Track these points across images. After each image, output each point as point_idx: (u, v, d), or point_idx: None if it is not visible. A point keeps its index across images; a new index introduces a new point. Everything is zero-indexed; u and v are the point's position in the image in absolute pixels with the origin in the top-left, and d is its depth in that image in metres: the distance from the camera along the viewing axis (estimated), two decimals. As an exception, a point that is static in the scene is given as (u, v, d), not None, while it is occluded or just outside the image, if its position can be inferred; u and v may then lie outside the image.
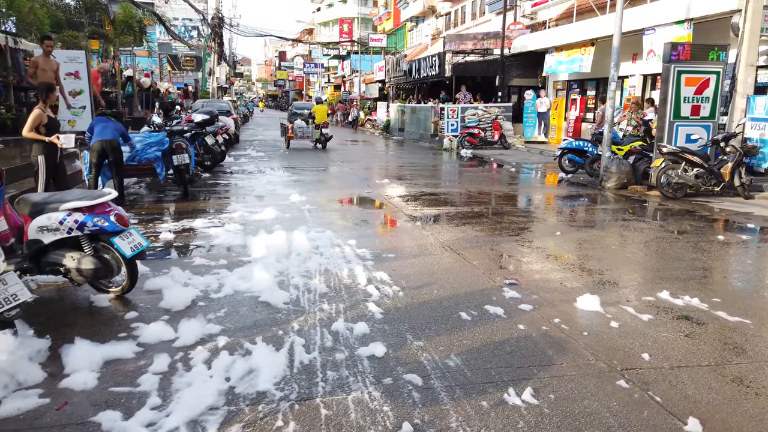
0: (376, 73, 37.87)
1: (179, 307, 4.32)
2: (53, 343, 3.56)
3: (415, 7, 38.86)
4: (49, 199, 4.31)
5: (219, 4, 31.28)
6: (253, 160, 15.16)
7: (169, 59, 46.87)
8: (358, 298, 4.62)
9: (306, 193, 9.71)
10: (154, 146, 8.80)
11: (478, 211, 8.62)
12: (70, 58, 12.04)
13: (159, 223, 7.28)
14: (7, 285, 3.26)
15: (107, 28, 17.55)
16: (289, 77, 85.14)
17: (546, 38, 19.83)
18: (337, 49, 51.77)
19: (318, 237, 6.52)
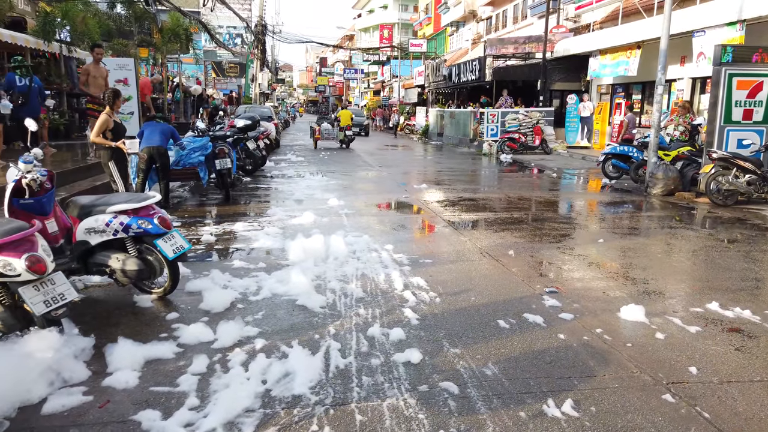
0: (416, 78, 37.85)
1: (218, 309, 4.39)
2: (97, 341, 3.66)
3: (456, 12, 38.69)
4: (96, 201, 4.45)
5: (263, 12, 31.88)
6: (292, 165, 15.34)
7: (214, 66, 48.06)
8: (395, 303, 4.60)
9: (344, 198, 9.76)
10: (197, 151, 9.01)
11: (518, 217, 8.48)
12: (119, 66, 12.46)
13: (201, 226, 7.43)
14: (55, 285, 3.37)
15: (155, 37, 18.11)
16: (329, 83, 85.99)
17: (590, 41, 19.42)
18: (377, 55, 52.02)
19: (355, 241, 6.53)
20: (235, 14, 27.25)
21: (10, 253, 3.21)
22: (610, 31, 18.50)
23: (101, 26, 16.38)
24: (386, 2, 59.65)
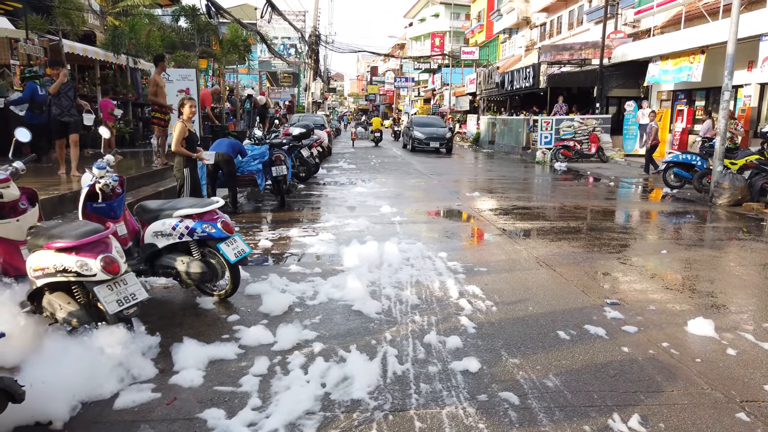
0: (467, 85, 37.63)
1: (277, 312, 4.48)
2: (163, 340, 3.80)
3: (509, 19, 38.32)
4: (164, 206, 4.63)
5: (317, 23, 32.50)
6: (344, 172, 15.51)
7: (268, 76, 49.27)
8: (450, 311, 4.56)
9: (396, 205, 9.79)
10: (257, 158, 9.26)
11: (574, 227, 8.28)
12: (182, 76, 12.97)
13: (258, 231, 7.61)
14: (127, 285, 3.52)
15: (215, 48, 18.74)
16: (380, 91, 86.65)
17: (650, 46, 18.81)
18: (428, 63, 52.07)
19: (409, 248, 6.53)
20: (291, 25, 27.89)
21: (86, 254, 3.38)
22: (671, 35, 17.87)
23: (164, 39, 17.12)
24: (438, 11, 59.71)
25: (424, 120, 26.49)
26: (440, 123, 26.02)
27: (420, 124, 24.55)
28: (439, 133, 23.31)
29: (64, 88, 8.34)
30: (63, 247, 3.39)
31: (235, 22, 17.22)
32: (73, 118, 8.49)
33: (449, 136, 23.47)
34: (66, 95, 8.37)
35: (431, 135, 23.05)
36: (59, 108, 8.29)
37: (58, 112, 8.30)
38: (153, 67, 15.37)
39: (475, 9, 50.07)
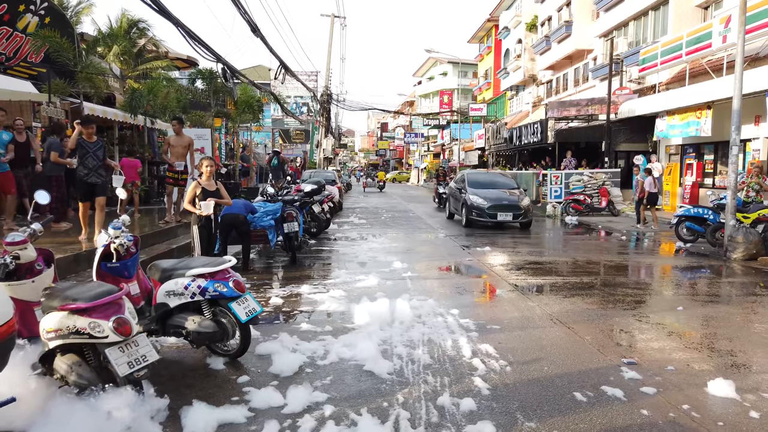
0: (476, 140, 38.24)
1: (287, 372, 4.42)
2: (172, 403, 3.75)
3: (516, 77, 39.28)
4: (177, 265, 4.67)
5: (328, 83, 33.50)
6: (355, 227, 15.59)
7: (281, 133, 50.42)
8: (464, 371, 4.48)
9: (407, 261, 9.77)
10: (270, 215, 9.37)
11: (588, 282, 8.20)
12: (198, 135, 13.33)
13: (268, 288, 7.60)
14: (138, 346, 3.51)
15: (230, 108, 19.30)
16: (390, 147, 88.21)
17: (656, 102, 19.12)
18: (438, 119, 53.11)
19: (420, 305, 6.48)
20: (304, 85, 28.76)
21: (99, 315, 3.40)
22: (677, 92, 18.19)
23: (180, 100, 17.69)
24: (445, 69, 61.44)
25: (483, 178, 17.23)
26: (507, 181, 17.11)
27: (478, 184, 16.06)
28: (509, 200, 15.11)
29: (92, 148, 7.94)
30: (76, 309, 3.41)
31: (250, 84, 17.81)
32: (101, 180, 8.07)
33: (526, 204, 15.13)
34: (94, 155, 7.96)
35: (498, 202, 14.94)
36: (86, 168, 7.87)
37: (85, 173, 7.88)
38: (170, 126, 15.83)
39: (482, 68, 51.46)
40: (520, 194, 15.63)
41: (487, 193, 15.29)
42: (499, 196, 15.27)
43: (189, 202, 6.96)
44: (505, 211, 14.78)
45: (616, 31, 25.55)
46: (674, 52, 18.17)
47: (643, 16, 23.70)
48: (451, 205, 17.78)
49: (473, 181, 16.40)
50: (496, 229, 15.11)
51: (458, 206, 16.34)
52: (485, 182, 16.44)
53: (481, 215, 14.86)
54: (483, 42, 50.32)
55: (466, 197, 15.36)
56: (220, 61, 13.29)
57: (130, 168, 12.22)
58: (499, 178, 17.80)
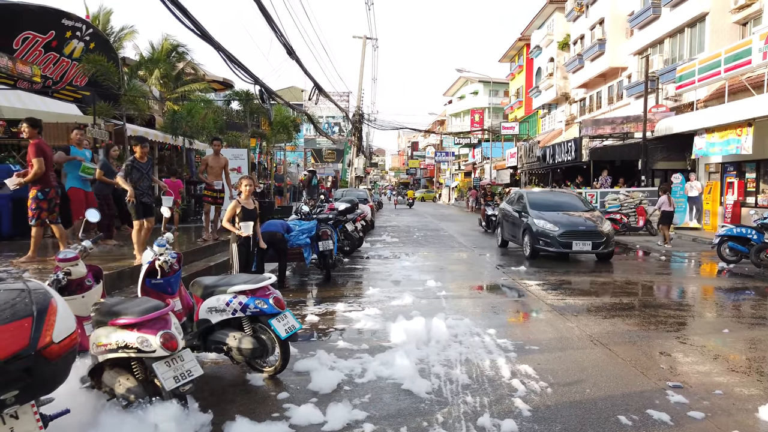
0: (508, 159, 38.01)
1: (326, 390, 4.44)
2: (215, 418, 3.80)
3: (548, 95, 39.07)
4: (218, 282, 4.77)
5: (360, 103, 33.88)
6: (388, 246, 15.61)
7: (313, 153, 51.13)
8: (503, 392, 4.43)
9: (441, 279, 9.73)
10: (305, 233, 9.48)
11: (627, 303, 8.02)
12: (234, 156, 13.62)
13: (304, 306, 7.67)
14: (184, 361, 3.59)
15: (265, 128, 19.70)
16: (420, 165, 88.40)
17: (694, 120, 18.75)
18: (468, 138, 53.07)
19: (456, 324, 6.43)
20: (336, 106, 29.15)
21: (147, 330, 3.49)
22: (716, 109, 17.82)
23: (217, 121, 18.16)
24: (476, 89, 61.52)
25: (548, 198, 14.17)
26: (577, 202, 13.96)
27: (542, 206, 13.16)
28: (586, 225, 12.17)
29: (145, 168, 7.98)
30: (125, 324, 3.51)
31: (285, 105, 18.17)
32: (152, 200, 8.18)
33: (608, 230, 12.23)
34: (147, 175, 8.03)
35: (573, 228, 12.03)
36: (139, 189, 7.90)
37: (138, 193, 7.92)
38: (207, 147, 16.22)
39: (513, 86, 51.35)
40: (597, 217, 12.72)
41: (557, 217, 12.36)
42: (572, 220, 12.34)
43: (228, 221, 7.10)
44: (581, 239, 11.83)
45: (651, 49, 25.26)
46: (712, 69, 17.83)
47: (678, 33, 23.39)
48: (505, 230, 14.75)
49: (536, 201, 13.48)
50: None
51: (516, 232, 13.54)
52: (551, 203, 13.54)
53: (550, 244, 11.95)
54: (514, 61, 50.29)
55: (530, 222, 12.50)
56: (258, 82, 13.61)
57: (173, 188, 12.56)
58: (567, 197, 14.59)
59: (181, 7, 7.75)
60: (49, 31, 15.96)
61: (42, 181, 7.38)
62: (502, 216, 15.21)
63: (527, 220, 12.75)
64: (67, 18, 16.54)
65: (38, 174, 7.25)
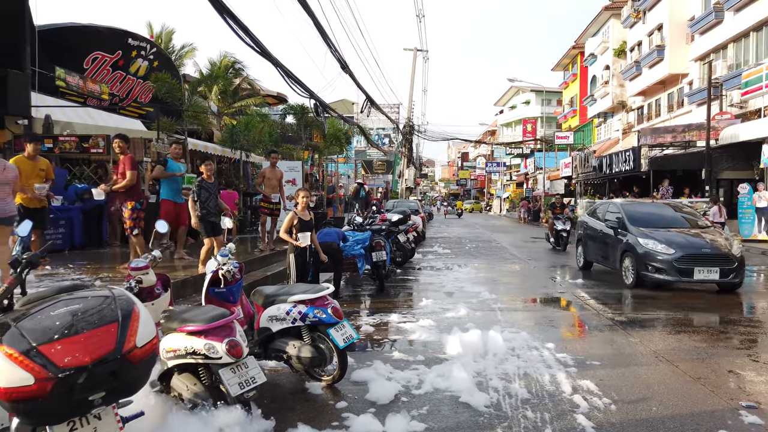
0: (562, 169, 37.25)
1: (383, 400, 4.45)
2: (278, 425, 3.88)
3: (603, 104, 38.13)
4: (279, 291, 4.88)
5: (410, 114, 34.04)
6: (440, 257, 15.54)
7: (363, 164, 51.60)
8: (564, 407, 4.32)
9: (495, 291, 9.61)
10: (360, 243, 9.58)
11: (693, 318, 7.69)
12: (289, 168, 13.93)
13: (358, 316, 7.72)
14: (248, 368, 3.69)
15: (317, 141, 20.08)
16: (471, 176, 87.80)
17: (763, 127, 17.89)
18: (520, 148, 52.36)
19: (513, 338, 6.33)
20: (388, 118, 29.40)
21: (213, 338, 3.61)
22: (785, 114, 16.95)
23: (272, 134, 18.64)
24: (528, 98, 60.69)
25: (651, 211, 11.26)
26: (689, 216, 11.27)
27: (645, 221, 10.53)
28: (710, 247, 9.54)
29: (213, 189, 8.12)
30: (193, 331, 3.64)
31: (339, 118, 18.48)
32: (218, 219, 8.16)
33: (738, 253, 9.64)
34: (215, 195, 8.15)
35: (694, 250, 9.45)
36: (205, 209, 8.03)
37: (205, 213, 8.06)
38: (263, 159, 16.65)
39: (567, 95, 50.41)
40: (722, 236, 10.11)
41: (669, 236, 9.76)
42: (690, 240, 9.67)
43: (285, 232, 7.26)
44: (706, 265, 9.25)
45: (714, 54, 24.31)
46: (782, 73, 17.00)
47: (743, 37, 22.43)
48: (590, 249, 12.18)
49: (635, 215, 10.74)
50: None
51: (609, 253, 11.04)
52: (654, 217, 10.78)
53: (663, 270, 9.40)
54: (568, 69, 49.41)
55: (631, 241, 9.93)
56: (313, 96, 13.92)
57: (228, 199, 12.94)
58: (670, 210, 11.52)
59: (242, 26, 8.04)
60: (116, 51, 16.83)
61: (137, 194, 7.99)
62: (584, 232, 12.51)
63: (627, 239, 10.15)
64: (132, 38, 17.42)
65: (129, 185, 7.76)
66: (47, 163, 7.74)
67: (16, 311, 2.21)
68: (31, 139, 7.58)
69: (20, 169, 7.14)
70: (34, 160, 7.52)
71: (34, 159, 7.52)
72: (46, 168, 7.65)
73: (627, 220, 10.59)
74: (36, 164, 7.51)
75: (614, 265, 10.74)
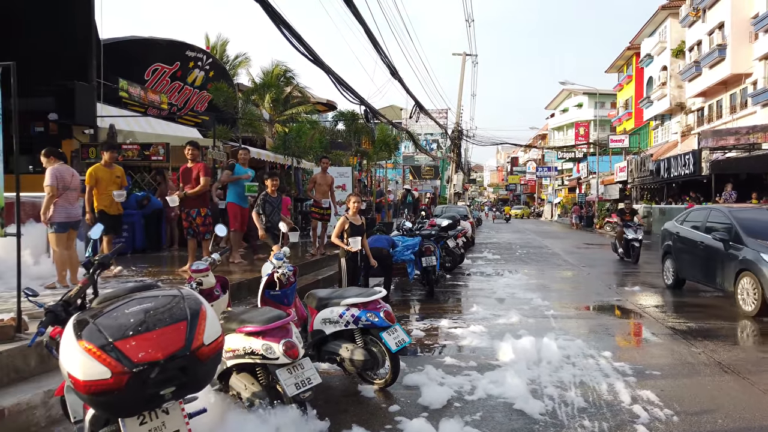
0: (617, 173, 36.16)
1: (436, 405, 4.44)
2: (332, 426, 3.94)
3: (660, 106, 36.84)
4: (332, 295, 4.95)
5: (459, 119, 33.86)
6: (489, 263, 15.36)
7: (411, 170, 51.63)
8: (624, 417, 4.20)
9: (548, 298, 9.42)
10: (409, 249, 9.60)
11: (760, 328, 7.31)
12: (339, 174, 14.10)
13: (408, 321, 7.73)
14: (304, 369, 3.77)
15: (366, 146, 20.25)
16: (521, 181, 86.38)
17: (834, 127, 16.88)
18: (573, 152, 51.18)
19: (567, 345, 6.19)
20: (436, 123, 29.36)
21: (270, 339, 3.70)
22: None
23: (322, 141, 18.93)
24: (581, 101, 59.31)
25: None
26: None
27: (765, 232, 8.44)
28: None
29: (276, 203, 8.27)
30: (251, 331, 3.75)
31: (388, 124, 18.61)
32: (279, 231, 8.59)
33: None
34: (278, 209, 8.28)
35: None
36: (270, 222, 8.13)
37: (270, 225, 8.15)
38: (314, 165, 16.93)
39: (621, 97, 48.98)
40: None
41: None
42: None
43: (337, 236, 7.35)
44: None
45: (781, 52, 23.13)
46: None
47: (813, 33, 21.26)
48: (685, 266, 10.27)
49: (752, 224, 8.76)
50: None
51: (712, 270, 9.15)
52: None
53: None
54: (622, 71, 47.99)
55: (752, 257, 8.02)
56: (363, 103, 14.07)
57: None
58: None
59: (296, 35, 8.24)
60: (175, 62, 17.50)
61: (207, 201, 8.27)
62: (675, 244, 10.63)
63: (744, 255, 8.20)
64: (190, 50, 18.08)
65: (202, 191, 8.05)
66: (122, 170, 7.97)
67: (93, 308, 2.34)
68: (108, 148, 7.82)
69: (98, 176, 7.44)
70: (111, 167, 7.73)
71: (111, 167, 7.73)
72: (121, 175, 7.87)
73: (741, 230, 8.64)
74: (113, 172, 7.72)
75: (723, 286, 8.90)
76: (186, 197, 8.10)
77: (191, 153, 8.14)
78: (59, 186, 6.65)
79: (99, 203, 7.54)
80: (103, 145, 8.16)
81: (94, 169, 7.57)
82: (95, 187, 7.48)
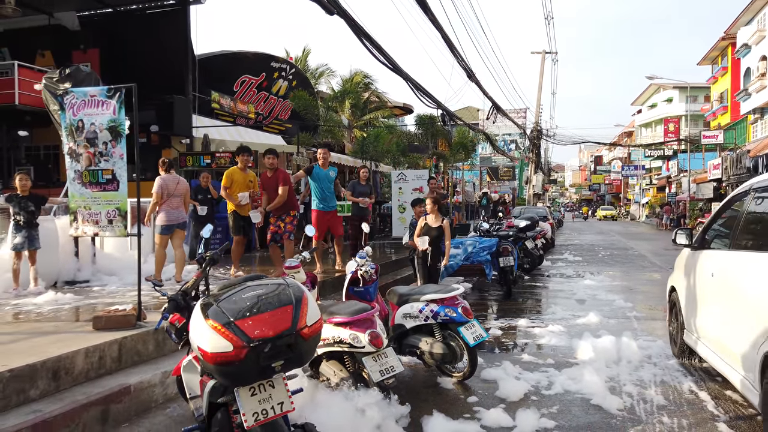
0: (710, 171, 34.14)
1: (513, 398, 4.62)
2: (412, 412, 4.22)
3: (760, 98, 34.38)
4: (412, 291, 5.25)
5: (538, 118, 33.27)
6: (570, 265, 15.11)
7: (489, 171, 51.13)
8: (705, 416, 4.19)
9: (631, 300, 9.25)
10: (486, 250, 9.74)
11: None
12: (417, 176, 14.40)
13: (485, 319, 7.88)
14: (387, 358, 4.09)
15: (443, 149, 20.44)
16: (605, 181, 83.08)
17: None
18: (661, 150, 48.75)
19: (649, 346, 6.14)
20: (514, 123, 29.05)
21: (357, 329, 4.04)
22: None
23: (400, 144, 19.33)
24: (671, 95, 56.31)
25: None
26: None
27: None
28: None
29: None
30: (340, 322, 4.11)
31: (465, 125, 18.72)
32: None
33: None
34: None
35: None
36: None
37: None
38: (391, 168, 17.34)
39: (715, 90, 46.06)
40: None
41: None
42: None
43: (418, 236, 7.64)
44: None
45: None
46: None
47: None
48: None
49: None
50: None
51: None
52: None
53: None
54: (716, 63, 45.14)
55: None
56: (440, 107, 14.30)
57: None
58: None
59: (377, 46, 8.62)
60: (261, 73, 18.51)
61: (295, 204, 8.37)
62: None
63: None
64: (275, 61, 19.05)
65: (281, 202, 7.94)
66: (254, 175, 8.29)
67: (215, 294, 2.77)
68: (241, 152, 8.21)
69: (234, 179, 7.96)
70: (245, 171, 8.13)
71: (245, 171, 8.12)
72: (254, 180, 8.21)
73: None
74: (246, 176, 8.12)
75: None
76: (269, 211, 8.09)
77: (270, 161, 8.03)
78: (163, 194, 7.37)
79: (232, 204, 8.04)
80: (238, 150, 8.42)
81: (231, 171, 8.07)
82: (229, 188, 7.96)
